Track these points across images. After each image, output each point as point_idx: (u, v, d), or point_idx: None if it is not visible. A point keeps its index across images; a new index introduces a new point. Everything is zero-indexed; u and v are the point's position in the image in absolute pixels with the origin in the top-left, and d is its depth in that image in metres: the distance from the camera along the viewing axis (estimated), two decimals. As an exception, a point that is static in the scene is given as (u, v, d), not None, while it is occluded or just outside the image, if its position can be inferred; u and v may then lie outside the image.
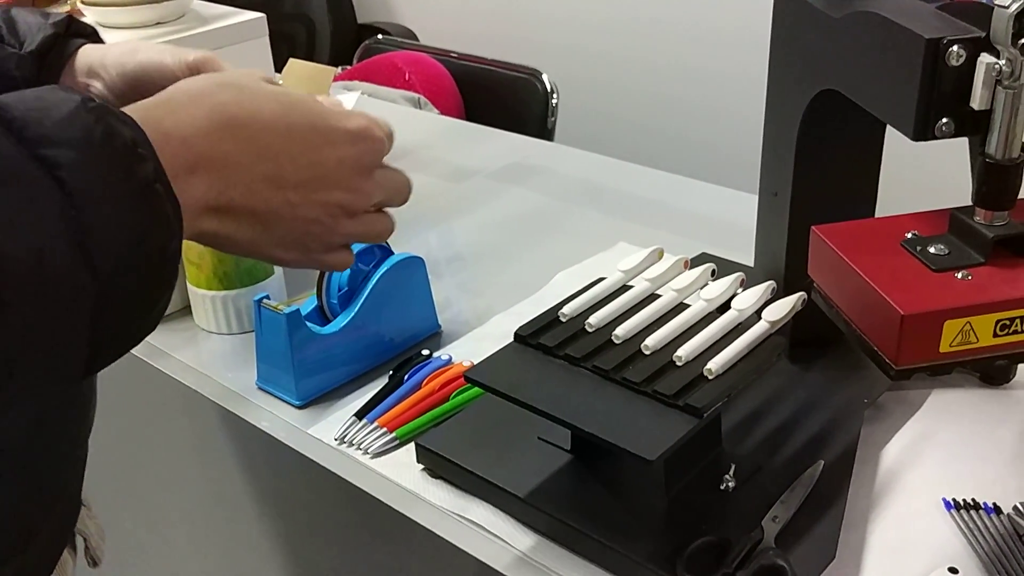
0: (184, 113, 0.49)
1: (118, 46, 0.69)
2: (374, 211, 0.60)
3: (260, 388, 0.96)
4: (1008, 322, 0.62)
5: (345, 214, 0.57)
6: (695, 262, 0.87)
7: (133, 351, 0.97)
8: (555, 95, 2.06)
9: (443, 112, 2.09)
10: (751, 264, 0.94)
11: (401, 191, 0.62)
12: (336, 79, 2.10)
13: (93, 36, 0.72)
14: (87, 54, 0.69)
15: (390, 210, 0.62)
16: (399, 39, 2.58)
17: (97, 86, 0.68)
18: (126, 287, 0.44)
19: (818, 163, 0.83)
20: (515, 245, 1.22)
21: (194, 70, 0.67)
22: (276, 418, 0.92)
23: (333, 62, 2.66)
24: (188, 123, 0.49)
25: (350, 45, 2.75)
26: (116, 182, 0.42)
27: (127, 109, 0.47)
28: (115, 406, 1.15)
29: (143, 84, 0.67)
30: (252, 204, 0.52)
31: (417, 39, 2.71)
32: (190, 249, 1.00)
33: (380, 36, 2.58)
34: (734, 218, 1.14)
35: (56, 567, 0.69)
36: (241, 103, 0.51)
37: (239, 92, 0.52)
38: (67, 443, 0.68)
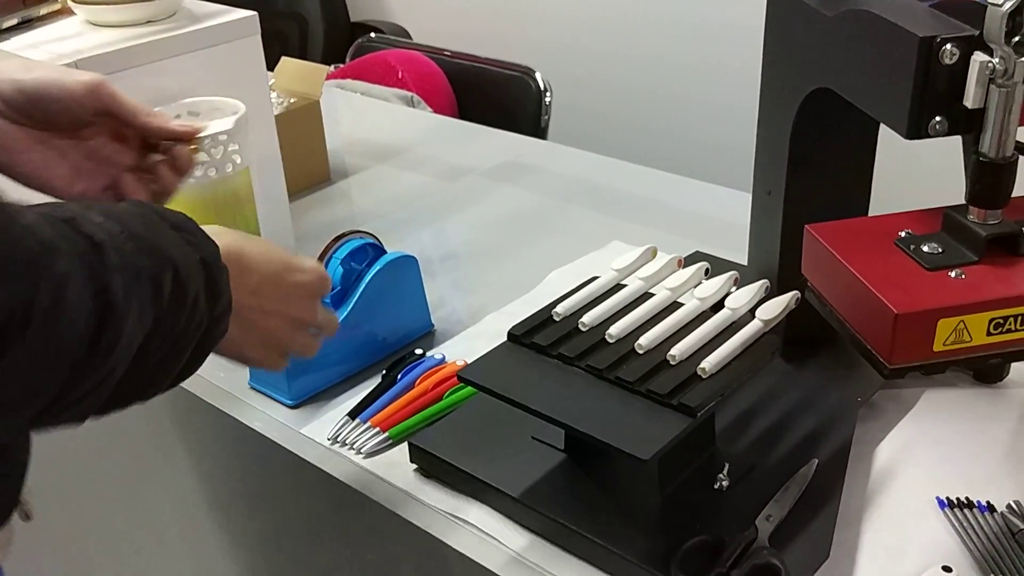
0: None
1: (8, 63, 0.75)
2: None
3: (253, 388, 0.96)
4: (1002, 321, 0.62)
5: (298, 328, 0.75)
6: (689, 261, 0.87)
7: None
8: (548, 93, 2.05)
9: (436, 110, 2.08)
10: (745, 263, 0.94)
11: (333, 323, 0.80)
12: (329, 77, 2.09)
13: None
14: None
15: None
16: (392, 37, 2.58)
17: None
18: (168, 361, 0.64)
19: (812, 162, 0.83)
20: (509, 244, 1.21)
21: (88, 88, 0.75)
22: (269, 418, 0.92)
23: (326, 60, 2.65)
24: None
25: (343, 43, 2.75)
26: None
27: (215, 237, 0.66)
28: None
29: (42, 99, 0.74)
30: (240, 310, 0.67)
31: (410, 37, 2.70)
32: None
33: (373, 34, 2.57)
34: (728, 216, 1.14)
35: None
36: (240, 244, 0.70)
37: (237, 236, 0.71)
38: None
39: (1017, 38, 0.59)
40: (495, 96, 2.13)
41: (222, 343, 0.67)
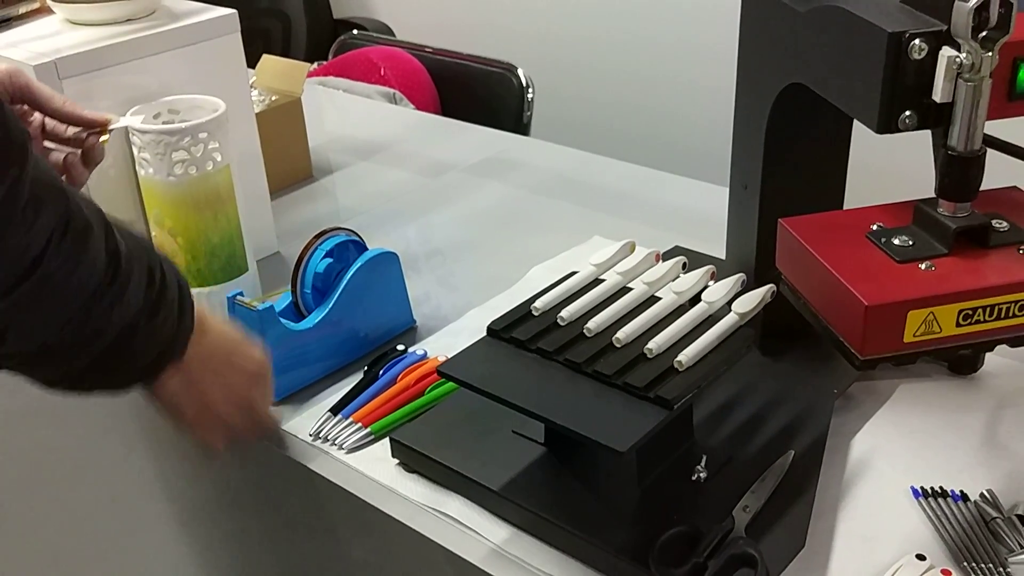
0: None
1: None
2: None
3: (235, 385, 0.96)
4: (971, 312, 0.63)
5: (237, 406, 0.81)
6: (668, 255, 0.88)
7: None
8: (530, 90, 2.06)
9: (419, 107, 2.08)
10: (723, 256, 0.95)
11: (270, 421, 0.89)
12: (311, 74, 2.09)
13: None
14: None
15: None
16: (375, 34, 2.58)
17: None
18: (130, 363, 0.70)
19: (786, 156, 0.84)
20: (492, 239, 1.22)
21: (6, 75, 0.80)
22: (251, 415, 0.92)
23: (309, 57, 2.65)
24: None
25: (326, 40, 2.74)
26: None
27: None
28: (89, 405, 1.15)
29: None
30: (189, 364, 0.74)
31: (393, 34, 2.70)
32: (163, 247, 1.00)
33: (356, 31, 2.57)
34: (708, 211, 1.15)
35: None
36: (203, 307, 0.76)
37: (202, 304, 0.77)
38: None
39: (984, 33, 0.60)
40: (478, 93, 2.13)
41: (162, 390, 0.74)
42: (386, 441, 0.85)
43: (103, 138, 0.83)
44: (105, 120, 0.84)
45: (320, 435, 0.88)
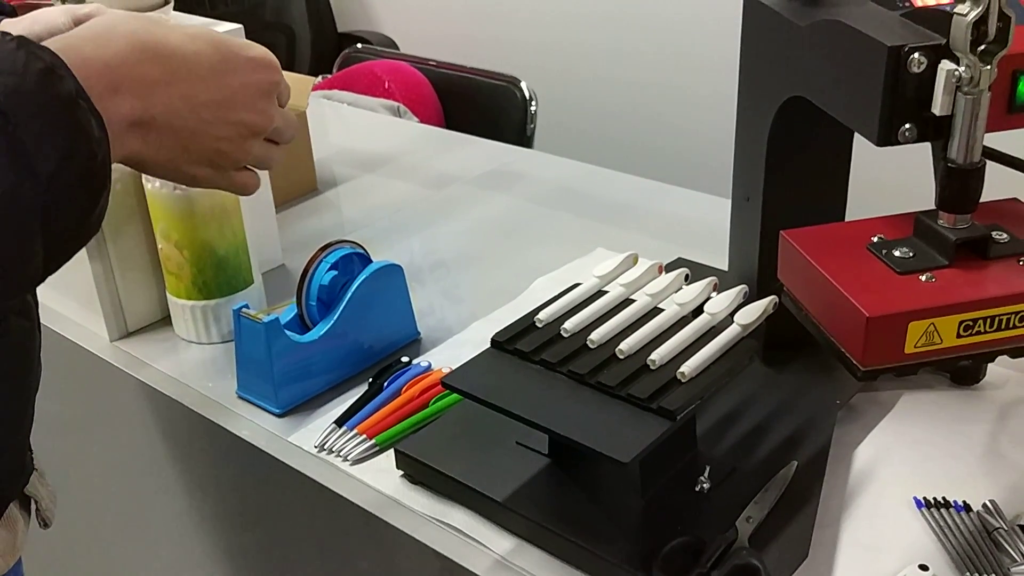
0: (102, 40, 0.55)
1: (21, 20, 0.73)
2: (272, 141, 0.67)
3: (240, 397, 0.97)
4: (971, 323, 0.63)
5: (251, 134, 0.64)
6: (670, 267, 0.89)
7: (113, 362, 0.99)
8: (534, 102, 2.07)
9: (423, 120, 2.10)
10: (726, 268, 0.96)
11: (293, 122, 0.68)
12: (316, 88, 2.10)
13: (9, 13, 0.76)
14: None
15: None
16: (379, 48, 2.59)
17: None
18: (67, 191, 0.50)
19: (788, 168, 0.85)
20: (495, 251, 1.23)
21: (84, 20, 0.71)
22: (256, 427, 0.93)
23: (313, 71, 2.66)
24: (107, 49, 0.55)
25: (330, 54, 2.76)
26: (42, 101, 0.49)
27: (48, 42, 0.52)
28: (96, 417, 1.16)
29: None
30: (171, 122, 0.57)
31: (397, 48, 2.72)
32: (169, 260, 1.01)
33: (360, 45, 2.58)
34: (711, 222, 1.15)
35: (6, 522, 0.72)
36: (151, 31, 0.57)
37: (147, 21, 0.58)
38: (10, 393, 0.71)
39: (982, 47, 0.61)
40: (481, 105, 2.14)
41: (148, 161, 0.58)
42: (391, 453, 0.86)
43: None
44: None
45: (325, 447, 0.89)
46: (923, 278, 0.65)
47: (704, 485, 0.77)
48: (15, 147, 0.48)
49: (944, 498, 0.77)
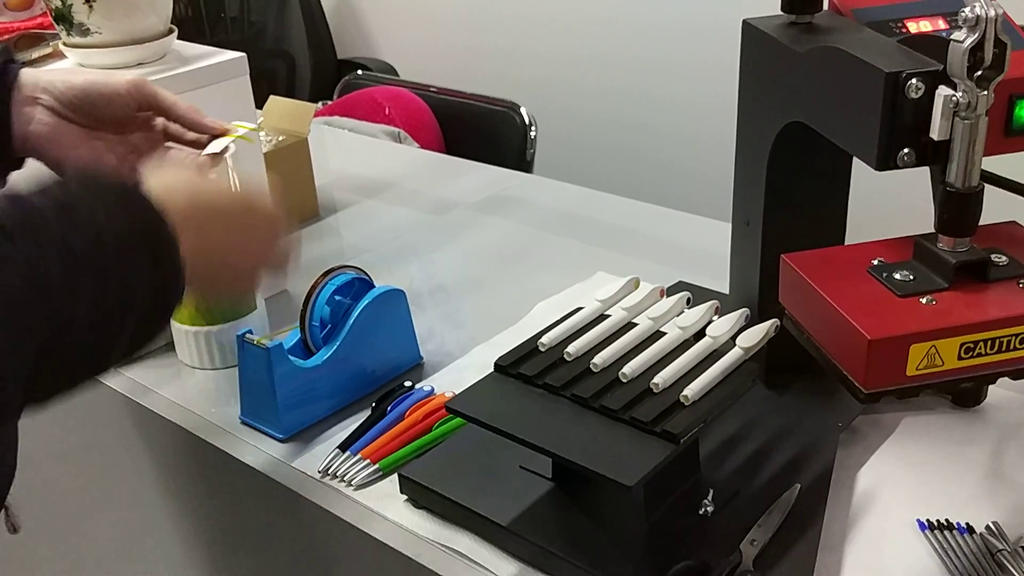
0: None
1: (56, 70, 0.81)
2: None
3: (244, 422, 0.97)
4: (972, 345, 0.63)
5: (263, 257, 0.75)
6: (671, 290, 0.89)
7: (117, 389, 0.99)
8: (533, 127, 2.08)
9: (423, 146, 2.11)
10: (727, 291, 0.96)
11: (293, 246, 0.79)
12: (316, 115, 2.11)
13: (25, 63, 0.85)
14: (31, 75, 0.82)
15: None
16: (379, 74, 2.61)
17: (46, 99, 0.81)
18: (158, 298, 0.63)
19: (788, 193, 0.85)
20: (496, 276, 1.23)
21: (132, 85, 0.83)
22: (260, 452, 0.93)
23: (313, 98, 2.68)
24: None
25: (330, 81, 2.78)
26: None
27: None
28: (99, 443, 1.16)
29: (91, 96, 0.81)
30: (204, 255, 0.67)
31: (397, 74, 2.74)
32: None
33: (360, 71, 2.60)
34: (711, 246, 1.16)
35: None
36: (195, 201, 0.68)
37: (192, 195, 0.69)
38: None
39: (979, 72, 0.62)
40: (481, 131, 2.16)
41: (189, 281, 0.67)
42: (395, 477, 0.86)
43: (228, 148, 0.85)
44: (224, 128, 0.87)
45: (329, 471, 0.89)
46: (924, 301, 0.65)
47: (708, 508, 0.77)
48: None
49: (947, 520, 0.77)
